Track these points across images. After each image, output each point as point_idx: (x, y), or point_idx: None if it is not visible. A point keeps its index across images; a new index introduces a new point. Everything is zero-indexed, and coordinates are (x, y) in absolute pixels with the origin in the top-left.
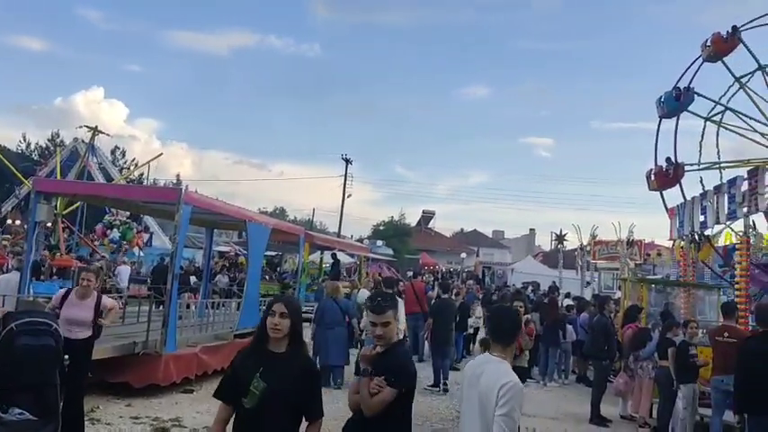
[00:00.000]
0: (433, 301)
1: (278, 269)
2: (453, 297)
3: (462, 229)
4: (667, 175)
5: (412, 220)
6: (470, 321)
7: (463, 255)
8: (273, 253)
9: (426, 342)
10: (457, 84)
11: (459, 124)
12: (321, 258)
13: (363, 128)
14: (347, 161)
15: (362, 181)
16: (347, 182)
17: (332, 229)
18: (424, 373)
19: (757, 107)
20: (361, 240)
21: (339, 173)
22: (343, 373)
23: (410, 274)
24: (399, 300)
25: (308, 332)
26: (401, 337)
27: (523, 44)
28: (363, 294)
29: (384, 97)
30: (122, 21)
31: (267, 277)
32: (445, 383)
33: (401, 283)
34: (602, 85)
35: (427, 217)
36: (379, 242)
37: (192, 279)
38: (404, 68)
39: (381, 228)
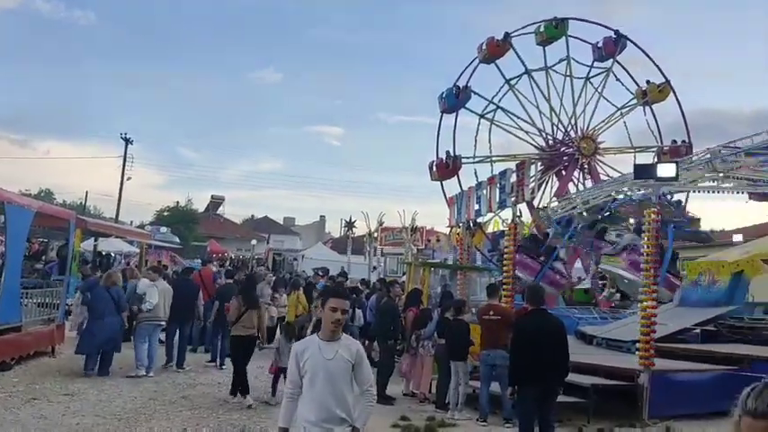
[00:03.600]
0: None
1: (43, 257)
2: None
3: (253, 216)
4: (447, 167)
5: (200, 205)
6: (273, 310)
7: (254, 242)
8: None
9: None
10: (249, 66)
11: (251, 108)
12: (95, 246)
13: (146, 106)
14: (127, 141)
15: (145, 163)
16: (127, 163)
17: (108, 214)
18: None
19: (523, 108)
20: (142, 226)
21: (118, 153)
22: (110, 361)
23: (198, 261)
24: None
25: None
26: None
27: (315, 32)
28: (143, 284)
29: (171, 75)
30: None
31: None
32: (222, 362)
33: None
34: (388, 78)
35: (216, 202)
36: (164, 228)
37: None
38: (192, 45)
39: (166, 213)
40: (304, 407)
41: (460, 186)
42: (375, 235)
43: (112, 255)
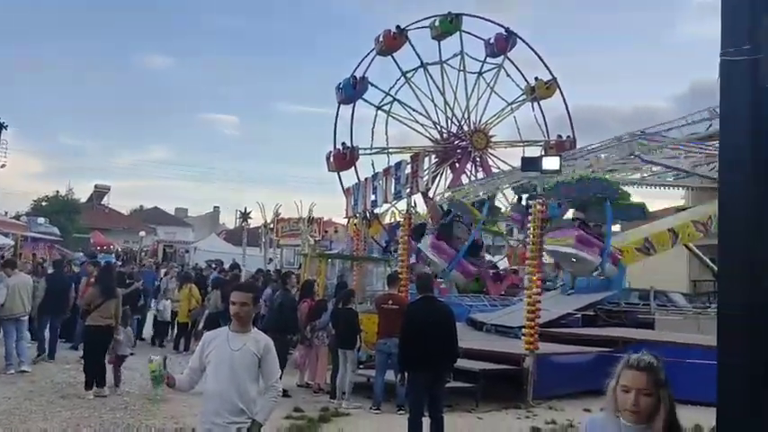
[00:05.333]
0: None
1: None
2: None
3: (142, 207)
4: (344, 158)
5: (83, 195)
6: (166, 303)
7: (142, 233)
8: None
9: None
10: (137, 50)
11: (141, 94)
12: None
13: (21, 89)
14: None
15: (19, 149)
16: (0, 150)
17: None
18: None
19: (419, 101)
20: (17, 217)
21: None
22: None
23: (81, 254)
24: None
25: None
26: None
27: (207, 17)
28: (21, 279)
29: (49, 56)
30: None
31: None
32: None
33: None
34: (285, 68)
35: (101, 192)
36: (41, 219)
37: None
38: (71, 24)
39: (44, 203)
40: (206, 397)
41: (357, 177)
42: (271, 226)
43: None
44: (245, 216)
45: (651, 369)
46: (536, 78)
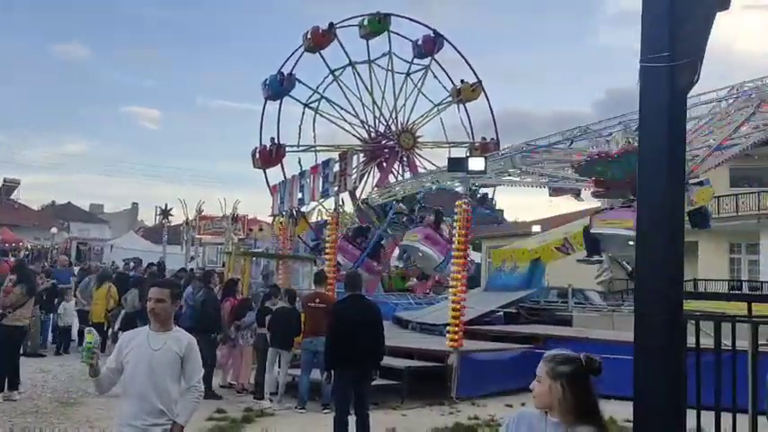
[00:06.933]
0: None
1: None
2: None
3: (54, 202)
4: (271, 155)
5: None
6: (68, 306)
7: (54, 230)
8: None
9: None
10: (51, 39)
11: (56, 85)
12: None
13: None
14: None
15: None
16: None
17: None
18: None
19: (347, 99)
20: None
21: None
22: None
23: None
24: None
25: None
26: None
27: (130, 7)
28: None
29: None
30: None
31: None
32: None
33: None
34: (209, 61)
35: (10, 186)
36: None
37: None
38: None
39: None
40: (125, 398)
41: (284, 175)
42: (193, 224)
43: None
44: (165, 213)
45: (546, 360)
46: (462, 81)
